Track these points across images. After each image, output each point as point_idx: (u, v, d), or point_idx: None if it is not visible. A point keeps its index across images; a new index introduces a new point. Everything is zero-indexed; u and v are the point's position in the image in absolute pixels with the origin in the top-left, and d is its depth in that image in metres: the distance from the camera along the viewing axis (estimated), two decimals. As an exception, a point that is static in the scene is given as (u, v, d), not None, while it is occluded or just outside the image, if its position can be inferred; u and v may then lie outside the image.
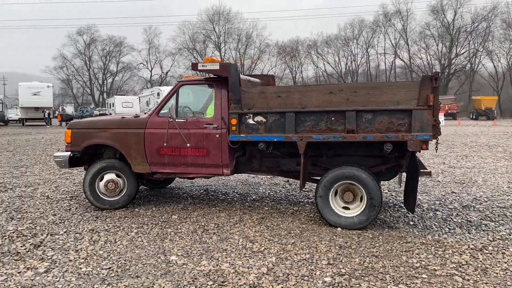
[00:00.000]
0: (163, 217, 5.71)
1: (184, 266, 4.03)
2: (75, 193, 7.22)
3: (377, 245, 4.56)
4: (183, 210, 6.08)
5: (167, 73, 70.04)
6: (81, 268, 3.98)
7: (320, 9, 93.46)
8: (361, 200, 5.17)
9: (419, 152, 5.07)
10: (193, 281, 3.69)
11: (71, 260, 4.17)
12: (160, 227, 5.28)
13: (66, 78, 70.19)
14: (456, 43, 57.55)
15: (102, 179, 6.05)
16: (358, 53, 65.75)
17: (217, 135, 5.59)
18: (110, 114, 34.64)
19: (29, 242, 4.67)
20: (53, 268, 3.97)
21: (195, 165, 5.76)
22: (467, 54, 57.32)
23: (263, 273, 3.83)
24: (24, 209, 6.14)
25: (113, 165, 6.09)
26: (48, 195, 7.06)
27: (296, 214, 5.80)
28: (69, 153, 6.15)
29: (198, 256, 4.29)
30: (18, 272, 3.88)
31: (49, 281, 3.69)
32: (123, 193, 6.10)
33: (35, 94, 30.86)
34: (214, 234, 4.98)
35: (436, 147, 5.44)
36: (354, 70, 66.68)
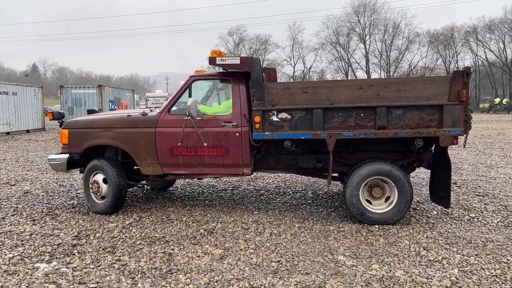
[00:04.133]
0: (322, 214, 5.62)
1: (354, 268, 3.84)
2: (237, 184, 7.63)
3: None
4: (340, 208, 5.90)
5: (310, 68, 70.67)
6: (252, 258, 4.10)
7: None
8: (386, 200, 5.12)
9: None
10: (366, 285, 3.48)
11: (241, 249, 4.34)
12: (321, 223, 5.19)
13: (217, 76, 76.00)
14: None
15: (92, 179, 5.71)
16: (529, 37, 56.74)
17: (237, 134, 5.27)
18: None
19: (203, 228, 5.02)
20: (227, 256, 4.17)
21: (212, 165, 5.41)
22: None
23: (447, 287, 3.41)
24: (194, 197, 6.69)
25: (96, 164, 5.65)
26: (213, 185, 7.60)
27: (473, 222, 5.13)
28: (67, 155, 5.71)
29: (367, 258, 4.05)
30: (197, 256, 4.17)
31: (226, 268, 3.87)
32: (106, 197, 5.61)
33: (193, 91, 34.05)
34: (380, 236, 4.68)
35: (465, 142, 5.32)
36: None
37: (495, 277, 3.59)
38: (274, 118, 5.12)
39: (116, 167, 5.61)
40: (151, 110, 5.77)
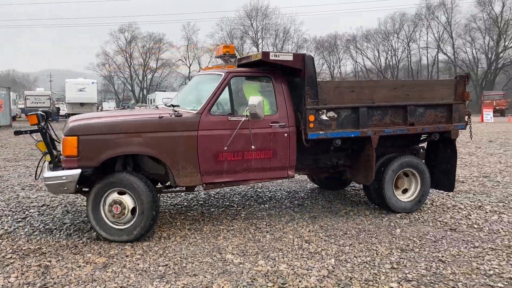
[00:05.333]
0: (212, 214, 5.66)
1: (241, 265, 3.94)
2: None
3: (441, 249, 4.30)
4: (231, 208, 6.01)
5: (205, 69, 70.64)
6: (138, 264, 3.97)
7: (360, 3, 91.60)
8: (406, 191, 5.74)
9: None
10: (252, 281, 3.59)
11: (127, 256, 4.17)
12: (212, 223, 5.22)
13: (108, 75, 72.23)
14: (504, 36, 54.80)
15: (106, 200, 4.57)
16: (399, 47, 64.05)
17: (286, 134, 5.08)
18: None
19: (86, 236, 4.72)
20: (112, 264, 3.98)
21: (258, 169, 5.05)
22: (517, 47, 54.50)
23: (324, 276, 3.68)
24: (79, 203, 6.25)
25: (119, 180, 4.54)
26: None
27: (350, 215, 5.60)
28: (78, 170, 4.36)
29: (254, 255, 4.19)
30: (78, 267, 3.91)
31: (109, 277, 3.68)
32: (134, 220, 4.56)
33: (80, 90, 31.82)
34: (267, 232, 4.87)
35: (471, 135, 6.39)
36: (395, 65, 64.96)
37: (365, 263, 3.97)
38: (324, 117, 5.11)
39: (145, 180, 4.63)
40: (173, 110, 4.97)
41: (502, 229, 4.93)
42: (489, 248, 4.31)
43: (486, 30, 55.98)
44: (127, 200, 4.54)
